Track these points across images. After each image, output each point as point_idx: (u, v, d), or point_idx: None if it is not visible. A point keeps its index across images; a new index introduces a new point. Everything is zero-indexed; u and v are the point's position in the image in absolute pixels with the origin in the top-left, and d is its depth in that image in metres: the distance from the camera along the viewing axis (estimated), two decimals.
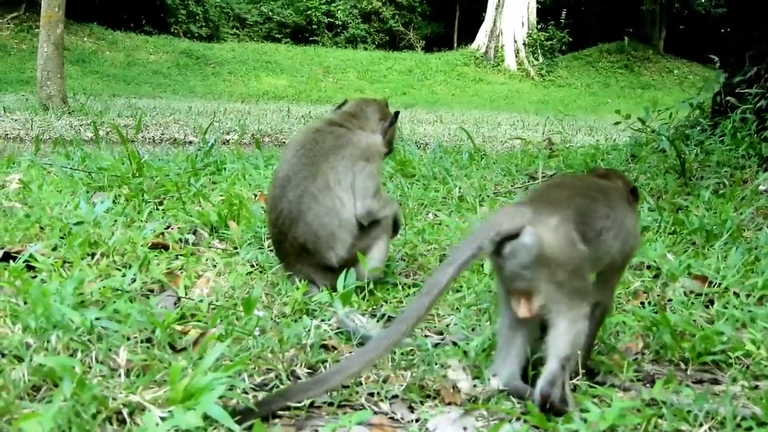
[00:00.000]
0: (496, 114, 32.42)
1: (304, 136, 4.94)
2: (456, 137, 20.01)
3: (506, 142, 21.07)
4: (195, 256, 4.98)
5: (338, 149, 4.73)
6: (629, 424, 3.10)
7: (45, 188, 6.50)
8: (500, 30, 44.76)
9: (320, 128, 4.93)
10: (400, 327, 3.25)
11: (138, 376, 3.26)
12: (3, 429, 2.85)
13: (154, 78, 38.11)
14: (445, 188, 7.64)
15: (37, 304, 3.70)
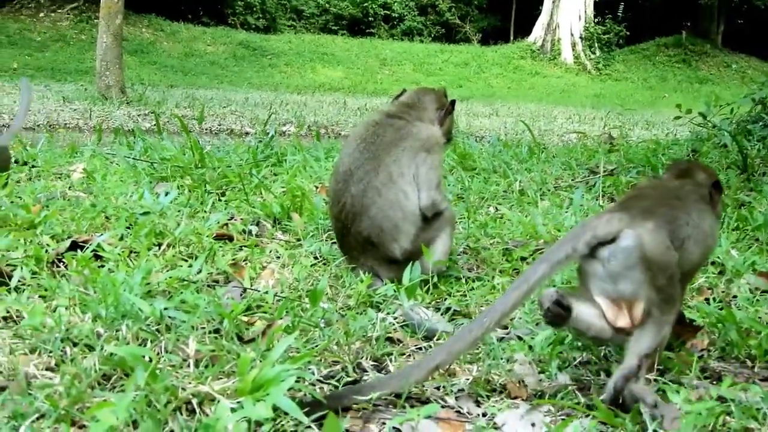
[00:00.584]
0: (552, 107, 32.21)
1: (365, 129, 4.92)
2: (513, 130, 19.95)
3: (563, 135, 20.92)
4: (259, 248, 4.99)
5: (399, 141, 4.72)
6: (699, 423, 3.08)
7: (108, 178, 6.54)
8: (557, 23, 44.53)
9: (380, 121, 4.91)
10: (484, 321, 3.27)
11: (207, 367, 3.27)
12: (76, 417, 2.87)
13: (212, 69, 38.24)
14: (506, 182, 7.61)
15: (107, 294, 3.73)
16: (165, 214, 5.21)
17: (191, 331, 3.54)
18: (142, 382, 2.89)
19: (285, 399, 2.91)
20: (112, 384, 3.15)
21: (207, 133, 17.36)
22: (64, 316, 3.59)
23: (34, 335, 3.44)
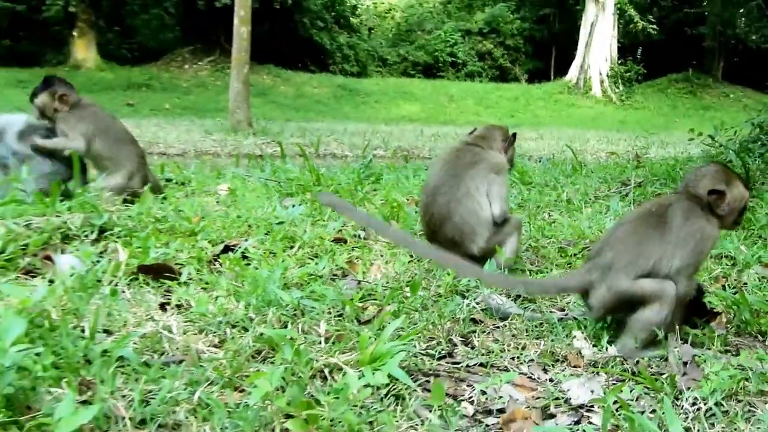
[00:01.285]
0: (585, 132, 31.93)
1: (448, 154, 5.03)
2: (556, 151, 19.81)
3: (594, 154, 20.81)
4: (367, 248, 5.02)
5: (475, 164, 4.77)
6: (723, 387, 3.04)
7: (247, 195, 6.61)
8: (588, 64, 44.13)
9: (460, 148, 4.99)
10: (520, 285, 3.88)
11: (334, 343, 3.31)
12: (237, 384, 2.91)
13: (317, 106, 38.46)
14: (556, 193, 7.57)
15: (255, 286, 3.78)
16: (294, 222, 5.26)
17: (321, 315, 3.58)
18: (289, 356, 2.93)
19: (397, 369, 2.93)
20: (263, 357, 3.19)
21: (316, 157, 17.45)
22: (222, 304, 3.65)
23: (201, 319, 3.50)
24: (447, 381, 3.18)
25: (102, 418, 2.43)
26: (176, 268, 4.14)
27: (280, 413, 2.65)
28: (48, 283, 3.83)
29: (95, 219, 4.76)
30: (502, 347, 3.58)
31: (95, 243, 4.57)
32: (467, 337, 3.69)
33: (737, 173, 4.04)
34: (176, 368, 2.97)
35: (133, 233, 4.70)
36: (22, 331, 2.53)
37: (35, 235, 4.43)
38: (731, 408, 2.98)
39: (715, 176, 3.83)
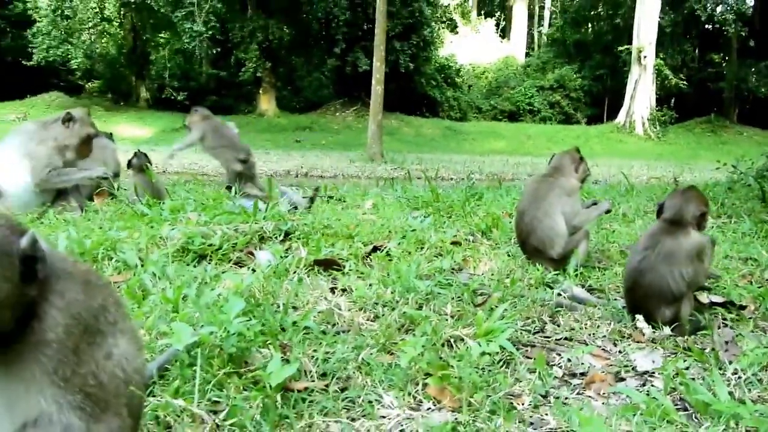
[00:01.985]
0: (630, 162, 30.97)
1: (532, 183, 4.99)
2: (608, 176, 19.32)
3: (638, 178, 20.19)
4: (475, 249, 4.96)
5: (550, 192, 4.70)
6: (756, 362, 2.89)
7: (386, 208, 6.62)
8: (633, 110, 42.79)
9: (539, 180, 4.92)
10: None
11: (457, 320, 3.27)
12: (389, 349, 2.92)
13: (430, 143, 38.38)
14: (614, 209, 7.33)
15: (398, 277, 3.77)
16: (423, 229, 5.23)
17: (447, 299, 3.55)
18: (428, 329, 2.91)
19: (505, 341, 2.88)
20: (406, 329, 3.18)
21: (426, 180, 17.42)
22: (375, 289, 3.66)
23: (360, 300, 3.51)
24: (541, 351, 3.12)
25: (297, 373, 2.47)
26: (340, 262, 4.17)
27: (422, 372, 2.64)
28: (251, 271, 3.92)
29: (282, 225, 4.85)
30: (581, 326, 3.49)
31: (282, 243, 4.64)
32: (554, 317, 3.61)
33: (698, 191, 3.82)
34: (345, 336, 2.99)
35: (309, 236, 4.77)
36: (241, 307, 2.59)
37: (241, 237, 4.53)
38: (765, 377, 2.83)
39: (698, 200, 3.66)
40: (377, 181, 10.53)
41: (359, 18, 38.61)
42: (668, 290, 3.45)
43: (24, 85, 38.72)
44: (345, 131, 38.87)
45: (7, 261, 1.47)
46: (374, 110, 27.06)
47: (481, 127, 43.40)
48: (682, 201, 3.65)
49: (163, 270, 3.78)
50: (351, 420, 2.31)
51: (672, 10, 43.83)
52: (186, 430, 2.10)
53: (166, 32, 42.03)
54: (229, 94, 43.13)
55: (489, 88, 49.40)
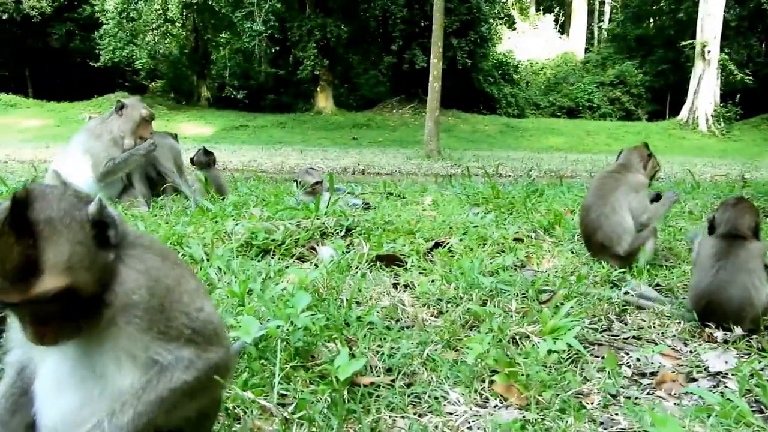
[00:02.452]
0: (693, 159, 30.15)
1: (598, 179, 4.88)
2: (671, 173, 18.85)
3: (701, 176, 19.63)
4: (538, 246, 4.88)
5: (617, 188, 4.62)
6: None
7: (446, 205, 6.58)
8: (696, 107, 41.62)
9: (605, 175, 4.84)
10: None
11: (521, 317, 3.22)
12: (453, 345, 2.88)
13: (488, 139, 38.04)
14: (680, 206, 7.13)
15: (461, 273, 3.74)
16: (485, 226, 5.17)
17: (512, 296, 3.49)
18: (494, 326, 2.87)
19: (573, 339, 2.82)
20: (470, 326, 3.15)
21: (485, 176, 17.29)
22: (438, 285, 3.63)
23: (423, 296, 3.49)
24: (608, 350, 3.05)
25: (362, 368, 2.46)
26: (402, 258, 4.15)
27: (488, 369, 2.60)
28: (314, 266, 3.93)
29: (343, 221, 4.86)
30: (650, 325, 3.40)
31: (344, 238, 4.65)
32: (621, 316, 3.52)
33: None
34: (409, 332, 2.98)
35: (370, 232, 4.76)
36: (308, 302, 2.59)
37: (303, 232, 4.55)
38: None
39: (751, 212, 3.62)
40: (435, 177, 10.45)
41: (416, 15, 38.53)
42: (749, 299, 3.35)
43: (91, 86, 39.88)
44: (402, 128, 38.85)
45: (78, 226, 1.54)
46: (431, 107, 26.98)
47: (539, 124, 42.84)
48: (736, 214, 3.60)
49: (228, 264, 3.83)
50: (418, 416, 2.29)
51: (738, 4, 42.54)
52: (256, 423, 2.11)
53: (226, 32, 42.69)
54: (288, 92, 43.59)
55: (547, 84, 48.74)
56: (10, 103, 39.66)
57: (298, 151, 28.79)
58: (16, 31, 41.02)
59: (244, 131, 37.00)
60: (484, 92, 43.38)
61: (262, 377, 2.38)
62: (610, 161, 5.59)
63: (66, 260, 1.49)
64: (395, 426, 2.21)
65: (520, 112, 44.88)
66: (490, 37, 42.06)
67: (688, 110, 42.39)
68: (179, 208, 5.97)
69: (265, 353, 2.53)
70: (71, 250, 1.51)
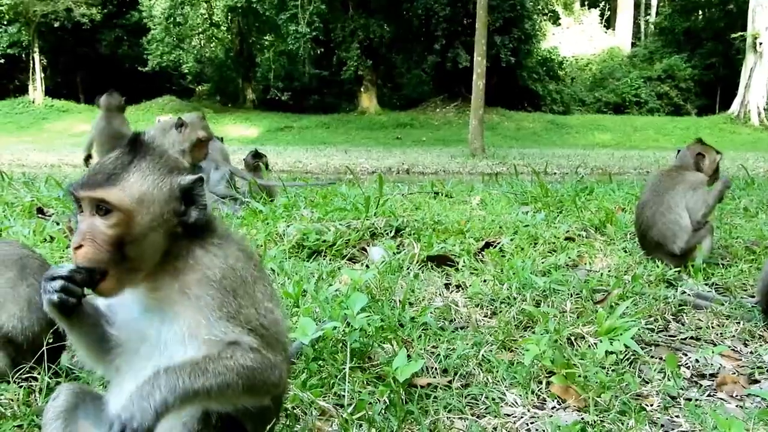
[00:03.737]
0: (745, 154, 29.44)
1: (655, 177, 4.85)
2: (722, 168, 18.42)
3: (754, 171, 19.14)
4: (590, 245, 4.82)
5: (674, 186, 4.58)
6: None
7: (494, 204, 6.53)
8: (747, 100, 40.61)
9: (663, 172, 4.81)
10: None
11: (576, 318, 3.19)
12: (508, 346, 2.87)
13: (532, 137, 37.67)
14: (734, 203, 6.97)
15: (513, 273, 3.71)
16: (534, 225, 5.11)
17: (566, 296, 3.46)
18: (550, 326, 2.85)
19: (630, 340, 2.79)
20: (524, 326, 3.13)
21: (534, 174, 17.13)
22: (490, 285, 3.61)
23: (476, 296, 3.48)
24: (665, 350, 3.00)
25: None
26: (453, 258, 4.14)
27: (544, 370, 2.59)
28: (365, 267, 3.95)
29: (393, 222, 4.87)
30: (708, 325, 3.33)
31: (394, 239, 4.66)
32: (678, 316, 3.47)
33: None
34: (463, 333, 2.97)
35: (420, 232, 4.76)
36: (365, 303, 2.61)
37: (353, 233, 4.58)
38: None
39: None
40: (482, 176, 10.37)
41: (459, 13, 38.35)
42: None
43: (140, 91, 40.65)
44: (445, 127, 38.71)
45: (167, 181, 1.67)
46: (475, 105, 26.82)
47: (585, 120, 42.27)
48: None
49: (281, 265, 3.87)
50: (476, 417, 2.28)
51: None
52: (316, 423, 2.13)
53: (270, 35, 43.12)
54: (331, 92, 43.81)
55: (593, 80, 48.04)
56: (63, 109, 40.64)
57: (342, 152, 28.92)
58: (67, 38, 42.06)
59: (289, 132, 37.30)
60: (529, 89, 42.96)
61: (320, 378, 2.41)
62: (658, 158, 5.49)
63: (140, 192, 1.62)
64: (453, 427, 2.21)
65: (565, 108, 44.33)
66: (534, 33, 41.64)
67: (739, 104, 41.38)
68: (230, 210, 6.05)
69: (321, 354, 2.56)
70: (149, 189, 1.63)
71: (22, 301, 2.54)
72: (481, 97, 26.60)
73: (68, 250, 4.20)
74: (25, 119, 39.06)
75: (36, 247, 4.23)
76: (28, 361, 2.52)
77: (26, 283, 2.56)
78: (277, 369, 1.68)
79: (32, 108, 40.61)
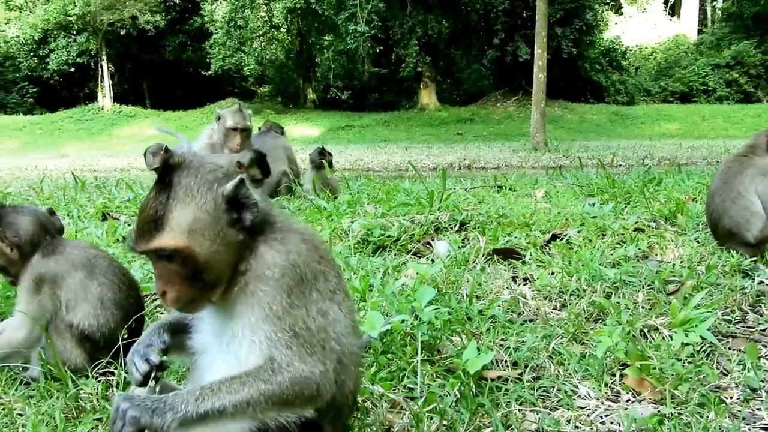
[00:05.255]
0: None
1: (724, 163, 4.68)
2: None
3: None
4: (660, 236, 4.68)
5: (743, 171, 4.40)
6: None
7: (559, 196, 6.42)
8: None
9: (732, 159, 4.61)
10: None
11: (650, 309, 3.11)
12: (579, 339, 2.82)
13: (596, 129, 37.01)
14: None
15: (582, 265, 3.64)
16: (602, 216, 5.00)
17: (638, 287, 3.37)
18: (624, 319, 2.79)
19: (707, 331, 2.70)
20: (595, 319, 3.06)
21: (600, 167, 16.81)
22: (558, 278, 3.55)
23: (544, 289, 3.43)
24: (743, 342, 2.90)
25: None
26: (519, 251, 4.09)
27: (617, 362, 2.53)
28: (431, 261, 3.93)
29: (457, 216, 4.83)
30: None
31: (458, 233, 4.63)
32: (756, 307, 3.34)
33: None
34: (533, 325, 2.93)
35: (485, 225, 4.72)
36: (433, 296, 2.60)
37: (418, 228, 4.57)
38: None
39: None
40: (546, 170, 10.22)
41: (518, 6, 37.95)
42: None
43: (204, 94, 41.55)
44: (506, 121, 38.37)
45: (210, 197, 1.65)
46: (537, 98, 26.48)
47: (650, 111, 41.28)
48: None
49: (347, 261, 3.89)
50: (548, 410, 2.25)
51: None
52: (387, 416, 2.13)
53: (329, 34, 43.46)
54: (391, 90, 43.90)
55: (658, 69, 46.85)
56: (131, 114, 41.83)
57: (402, 149, 28.93)
58: (133, 45, 43.27)
59: (350, 131, 37.54)
60: (591, 80, 42.19)
61: (389, 371, 2.41)
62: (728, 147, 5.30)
63: (189, 224, 1.62)
64: (525, 420, 2.18)
65: (629, 99, 43.37)
66: (596, 23, 40.88)
67: None
68: (295, 206, 6.12)
69: (390, 347, 2.56)
70: (196, 216, 1.62)
71: (94, 300, 2.65)
72: (543, 89, 26.23)
73: None
74: (95, 125, 40.36)
75: (108, 247, 4.37)
76: (104, 357, 2.61)
77: (97, 282, 2.67)
78: (314, 382, 1.63)
79: (101, 114, 41.94)
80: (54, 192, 8.17)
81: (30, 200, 7.36)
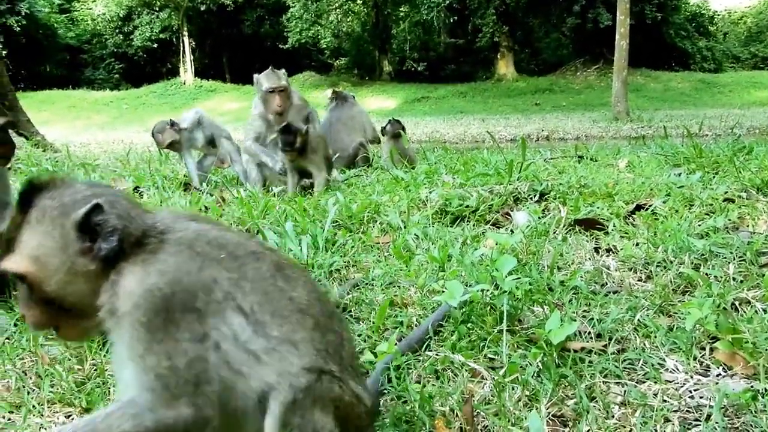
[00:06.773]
0: None
1: None
2: None
3: None
4: (752, 207, 4.46)
5: None
6: None
7: (643, 166, 6.21)
8: None
9: None
10: None
11: (741, 281, 2.97)
12: (665, 311, 2.72)
13: (681, 98, 35.70)
14: None
15: (669, 235, 3.52)
16: (689, 186, 4.80)
17: (729, 259, 3.23)
18: (714, 291, 2.67)
19: None
20: (682, 291, 2.95)
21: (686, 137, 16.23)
22: (643, 249, 3.43)
23: (628, 260, 3.32)
24: None
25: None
26: (602, 222, 3.98)
27: (707, 336, 2.43)
28: (510, 232, 3.87)
29: (537, 186, 4.74)
30: None
31: (538, 203, 4.54)
32: None
33: None
34: (617, 297, 2.85)
35: (566, 195, 4.61)
36: (513, 265, 2.55)
37: (496, 198, 4.51)
38: None
39: None
40: (628, 140, 9.93)
41: None
42: None
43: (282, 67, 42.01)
44: (586, 91, 37.43)
45: (59, 224, 1.52)
46: (618, 67, 25.71)
47: (739, 78, 39.51)
48: None
49: (425, 231, 3.87)
50: (635, 383, 2.18)
51: None
52: (468, 385, 2.11)
53: (405, 6, 43.17)
54: (467, 61, 43.38)
55: (748, 34, 44.82)
56: (211, 89, 42.76)
57: (479, 120, 28.61)
58: (213, 21, 44.08)
59: (426, 103, 37.34)
60: (676, 47, 40.67)
61: (469, 341, 2.39)
62: None
63: (33, 249, 1.51)
64: (610, 392, 2.13)
65: (717, 66, 41.63)
66: None
67: None
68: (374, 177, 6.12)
69: (470, 317, 2.53)
70: (40, 242, 1.51)
71: None
72: (625, 57, 25.47)
73: (221, 219, 4.40)
74: (177, 100, 41.46)
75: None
76: None
77: None
78: (180, 427, 1.46)
79: (183, 89, 43.03)
80: (139, 164, 8.43)
81: (117, 172, 7.62)
